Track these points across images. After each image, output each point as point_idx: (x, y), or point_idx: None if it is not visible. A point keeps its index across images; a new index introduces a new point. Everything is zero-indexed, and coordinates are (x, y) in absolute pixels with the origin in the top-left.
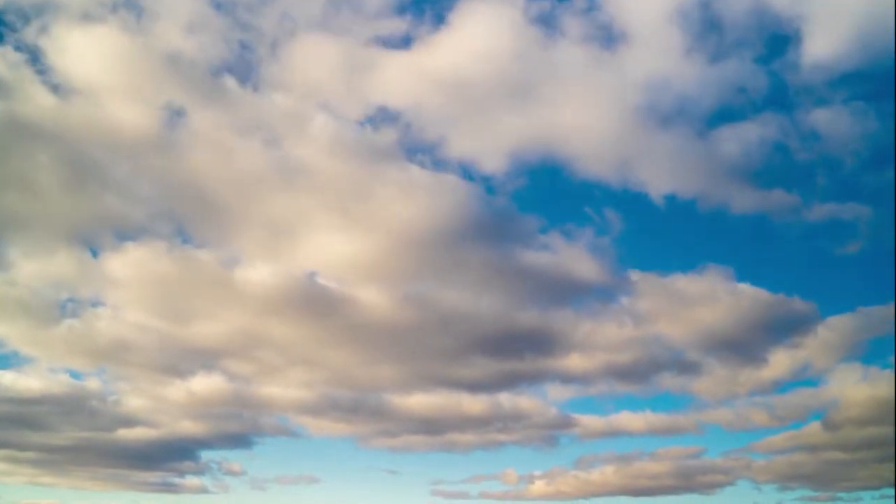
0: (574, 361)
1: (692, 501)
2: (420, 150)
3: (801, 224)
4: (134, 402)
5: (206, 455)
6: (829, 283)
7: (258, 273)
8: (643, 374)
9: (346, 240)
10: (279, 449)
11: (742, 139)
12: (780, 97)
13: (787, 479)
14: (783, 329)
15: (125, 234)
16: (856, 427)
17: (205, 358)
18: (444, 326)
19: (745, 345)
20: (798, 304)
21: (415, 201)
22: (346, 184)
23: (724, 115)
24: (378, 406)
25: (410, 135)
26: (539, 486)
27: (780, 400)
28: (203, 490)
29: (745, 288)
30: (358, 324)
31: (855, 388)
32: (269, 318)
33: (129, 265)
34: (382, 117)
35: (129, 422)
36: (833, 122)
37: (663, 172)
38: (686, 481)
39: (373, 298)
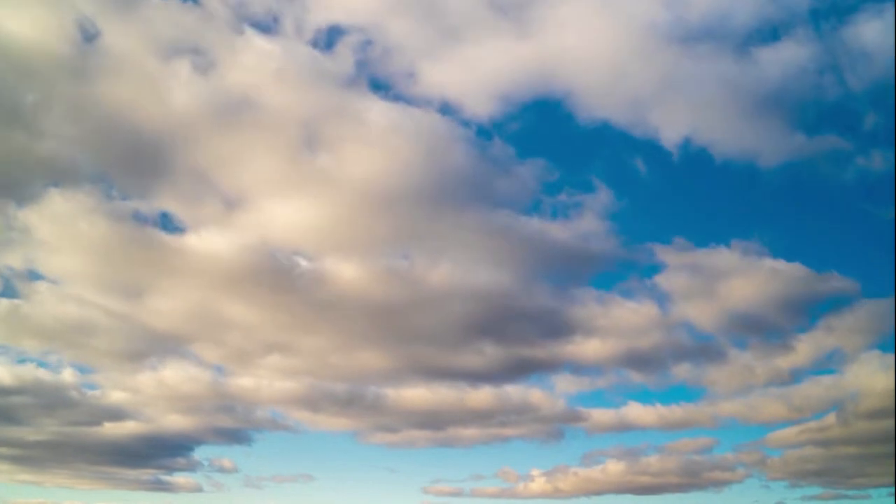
0: (582, 348)
1: (698, 499)
2: (385, 85)
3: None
4: (113, 395)
5: (197, 451)
6: (877, 256)
7: (208, 240)
8: (656, 361)
9: (305, 198)
10: (273, 445)
11: (783, 63)
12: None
13: (799, 476)
14: (815, 311)
15: (46, 181)
16: (870, 420)
17: (169, 342)
18: (434, 307)
19: (769, 329)
20: (836, 282)
21: (388, 145)
22: (300, 121)
23: (763, 34)
24: (372, 399)
25: (372, 63)
26: (542, 484)
27: (797, 391)
28: (195, 489)
29: (775, 263)
30: (331, 304)
31: (874, 378)
32: (229, 295)
33: (57, 221)
34: (335, 37)
35: (111, 415)
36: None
37: (683, 113)
38: (694, 478)
39: (347, 273)
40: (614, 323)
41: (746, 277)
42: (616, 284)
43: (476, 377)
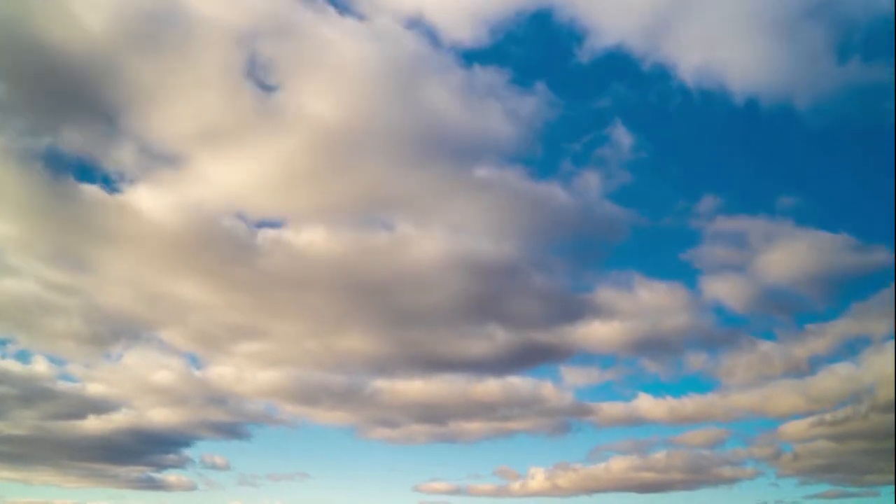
0: (594, 332)
1: (707, 496)
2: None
3: None
4: (91, 387)
5: (189, 448)
6: None
7: (144, 199)
8: (673, 348)
9: (255, 146)
10: (267, 441)
11: None
12: None
13: (809, 471)
14: (852, 289)
15: None
16: (886, 413)
17: (129, 326)
18: (423, 284)
19: (801, 309)
20: (880, 256)
21: (356, 75)
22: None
23: None
24: (363, 391)
25: None
26: (545, 481)
27: (814, 382)
28: (188, 487)
29: (809, 233)
30: (300, 281)
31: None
32: (179, 269)
33: None
34: None
35: (94, 408)
36: None
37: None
38: (703, 475)
39: (316, 243)
40: (633, 304)
41: (783, 248)
42: (636, 257)
43: (477, 367)
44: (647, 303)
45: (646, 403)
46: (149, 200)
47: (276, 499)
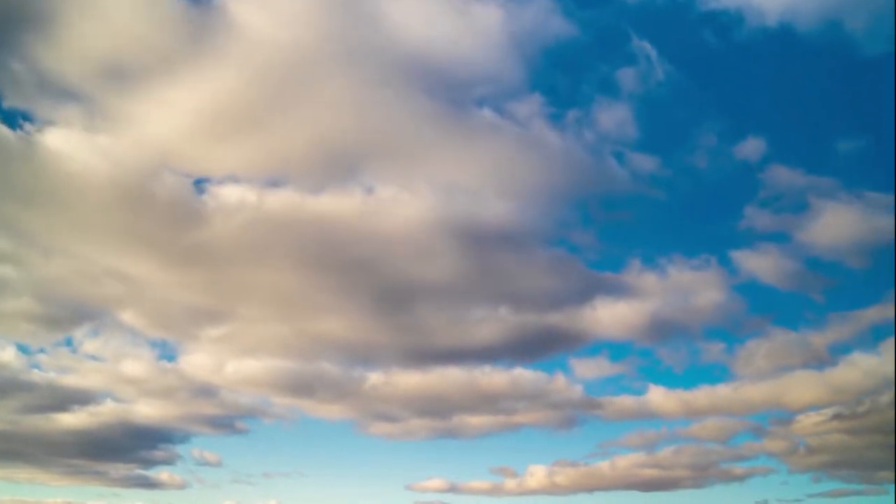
0: (608, 314)
1: (714, 493)
2: None
3: None
4: (66, 378)
5: (179, 444)
6: None
7: (57, 144)
8: (692, 331)
9: (184, 79)
10: (260, 437)
11: None
12: None
13: (821, 467)
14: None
15: None
16: None
17: (80, 304)
18: (409, 254)
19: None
20: None
21: None
22: None
23: None
24: (350, 382)
25: None
26: (548, 478)
27: (832, 374)
28: (180, 485)
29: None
30: (257, 252)
31: None
32: (114, 235)
33: None
34: None
35: (69, 400)
36: None
37: None
38: (712, 471)
39: (271, 204)
40: (656, 281)
41: (835, 212)
42: (663, 223)
43: (478, 356)
44: (674, 280)
45: (657, 396)
46: (64, 146)
47: (271, 497)
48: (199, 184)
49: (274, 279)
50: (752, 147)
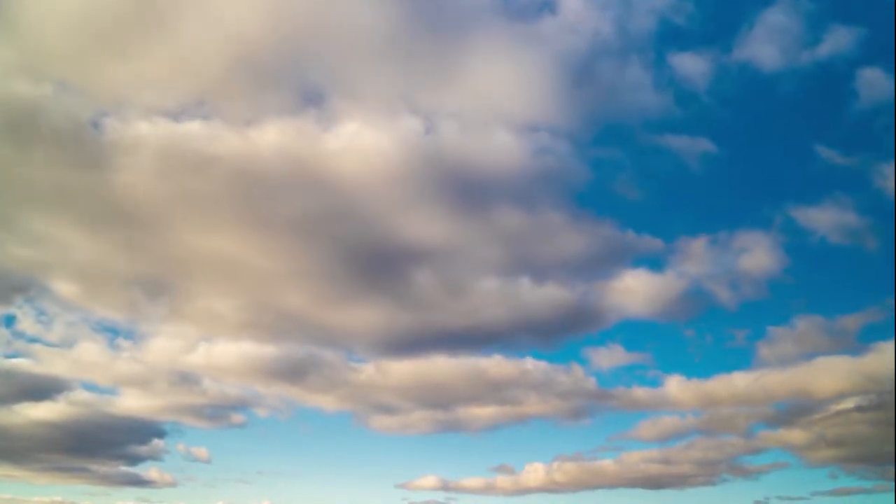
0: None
1: (721, 492)
2: None
3: None
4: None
5: (162, 437)
6: None
7: None
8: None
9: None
10: (253, 431)
11: None
12: None
13: (835, 461)
14: None
15: None
16: None
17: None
18: (394, 205)
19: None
20: None
21: None
22: None
23: None
24: (302, 363)
25: None
26: (549, 475)
27: (857, 362)
28: (170, 483)
29: None
30: (186, 199)
31: None
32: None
33: None
34: None
35: (29, 392)
36: None
37: None
38: (726, 465)
39: (190, 132)
40: (697, 246)
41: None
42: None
43: (484, 339)
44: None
45: (673, 387)
46: None
47: (265, 497)
48: (98, 116)
49: (214, 242)
50: None
